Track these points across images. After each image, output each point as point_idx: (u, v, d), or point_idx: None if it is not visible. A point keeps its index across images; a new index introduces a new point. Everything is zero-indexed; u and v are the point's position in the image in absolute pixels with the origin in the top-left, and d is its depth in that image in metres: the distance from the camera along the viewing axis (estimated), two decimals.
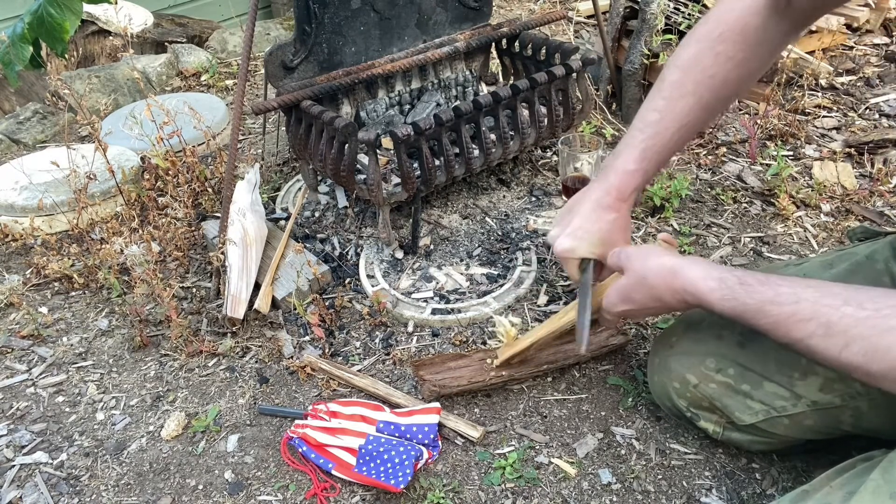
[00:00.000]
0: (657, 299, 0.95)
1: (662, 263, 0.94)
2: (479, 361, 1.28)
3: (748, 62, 1.00)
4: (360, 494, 1.12)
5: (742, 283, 0.85)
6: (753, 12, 0.98)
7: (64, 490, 1.19)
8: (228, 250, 1.49)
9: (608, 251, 1.05)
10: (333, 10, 1.61)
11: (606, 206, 1.06)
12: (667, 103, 1.02)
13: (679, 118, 1.02)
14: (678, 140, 1.04)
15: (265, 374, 1.39)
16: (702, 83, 1.01)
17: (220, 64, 3.10)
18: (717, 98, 1.03)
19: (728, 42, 0.99)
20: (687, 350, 1.08)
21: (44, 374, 1.45)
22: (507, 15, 3.31)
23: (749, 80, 1.06)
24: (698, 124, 1.05)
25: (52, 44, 1.78)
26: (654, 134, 1.03)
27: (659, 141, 1.03)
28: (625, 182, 1.05)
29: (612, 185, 1.06)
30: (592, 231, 1.06)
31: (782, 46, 1.04)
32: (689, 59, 1.02)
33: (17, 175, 1.93)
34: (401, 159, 1.47)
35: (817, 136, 2.03)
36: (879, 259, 0.99)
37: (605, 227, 1.06)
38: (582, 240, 1.06)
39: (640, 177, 1.05)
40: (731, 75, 1.00)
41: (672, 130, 1.02)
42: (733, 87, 1.03)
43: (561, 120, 1.73)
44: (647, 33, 2.01)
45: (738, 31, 0.98)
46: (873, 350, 0.71)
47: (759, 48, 1.00)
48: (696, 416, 1.10)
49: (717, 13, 1.01)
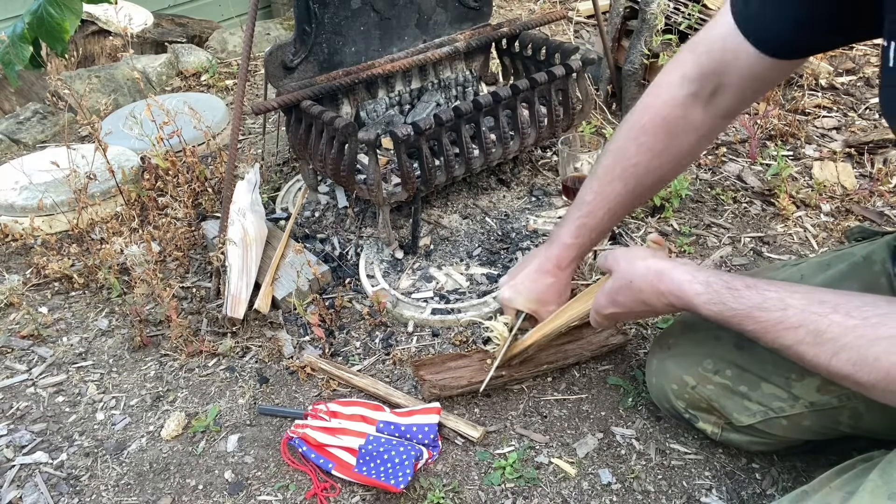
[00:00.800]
0: (643, 303, 0.96)
1: (648, 266, 0.94)
2: (479, 361, 1.29)
3: (670, 151, 1.06)
4: (360, 494, 1.12)
5: (729, 288, 0.85)
6: (674, 104, 1.02)
7: (64, 490, 1.19)
8: (228, 250, 1.49)
9: (541, 308, 1.21)
10: (333, 10, 1.61)
11: (545, 271, 1.20)
12: (599, 185, 1.12)
13: (608, 201, 1.11)
14: (610, 220, 1.14)
15: (265, 374, 1.39)
16: (627, 170, 1.08)
17: (220, 64, 3.10)
18: (642, 185, 1.10)
19: (649, 133, 1.05)
20: (684, 351, 1.08)
21: (44, 374, 1.45)
22: (507, 15, 3.31)
23: (676, 166, 1.12)
24: (626, 207, 1.15)
25: (52, 44, 1.78)
26: (588, 213, 1.14)
27: (592, 219, 1.14)
28: (563, 253, 1.18)
29: (552, 254, 1.19)
30: (531, 290, 1.21)
31: (714, 133, 1.08)
32: (617, 147, 1.09)
33: (17, 175, 1.93)
34: (401, 159, 1.47)
35: (817, 136, 2.03)
36: (877, 260, 0.99)
37: (542, 289, 1.21)
38: (520, 294, 1.22)
39: (576, 250, 1.18)
40: (652, 164, 1.07)
41: (603, 211, 1.12)
42: (657, 174, 1.10)
43: (561, 120, 1.73)
44: (647, 33, 2.01)
45: (659, 122, 1.03)
46: (861, 360, 0.71)
47: (681, 138, 1.04)
48: (695, 417, 1.10)
49: (643, 101, 1.06)
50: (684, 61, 1.00)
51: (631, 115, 1.07)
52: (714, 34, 0.96)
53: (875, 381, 0.71)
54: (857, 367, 0.71)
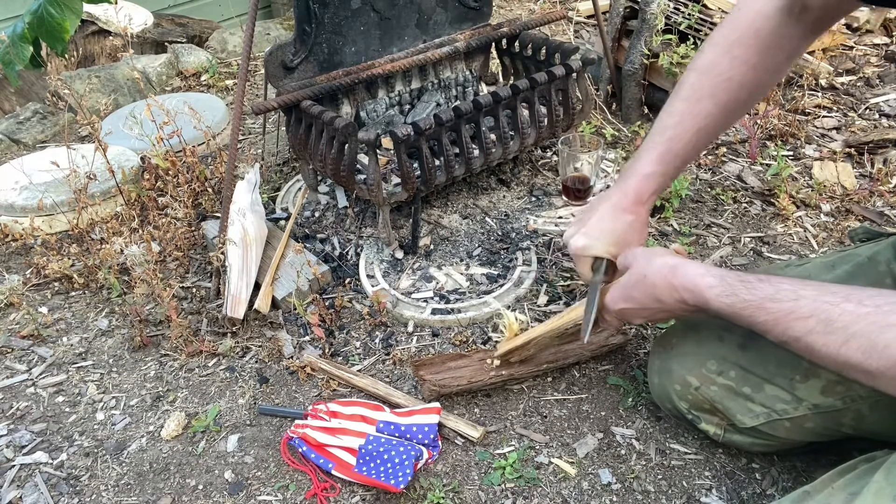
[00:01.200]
0: (656, 299, 0.95)
1: (664, 262, 0.95)
2: (479, 361, 1.28)
3: (764, 65, 1.01)
4: (360, 494, 1.12)
5: (742, 281, 0.85)
6: (767, 16, 0.99)
7: (64, 490, 1.19)
8: (228, 250, 1.49)
9: (622, 253, 1.05)
10: (333, 10, 1.61)
11: (623, 208, 1.07)
12: (685, 106, 1.03)
13: (697, 121, 1.03)
14: (697, 143, 1.05)
15: (265, 374, 1.39)
16: (719, 86, 1.02)
17: (220, 64, 3.10)
18: (735, 101, 1.03)
19: (743, 46, 1.00)
20: (688, 352, 1.08)
21: (44, 374, 1.45)
22: (507, 15, 3.30)
23: (766, 84, 1.07)
24: (716, 127, 1.06)
25: (53, 44, 1.78)
26: (673, 137, 1.04)
27: (677, 144, 1.04)
28: (643, 185, 1.06)
29: (629, 188, 1.07)
30: (608, 231, 1.07)
31: (799, 50, 1.05)
32: (706, 63, 1.03)
33: (17, 175, 1.93)
34: (401, 159, 1.47)
35: (817, 136, 2.03)
36: (881, 260, 0.99)
37: (621, 228, 1.07)
38: (597, 239, 1.07)
39: (659, 180, 1.06)
40: (746, 78, 1.01)
41: (691, 133, 1.03)
42: (751, 89, 1.04)
43: (561, 120, 1.73)
44: (647, 33, 2.01)
45: (752, 35, 1.00)
46: (872, 346, 0.71)
47: (774, 52, 1.01)
48: (698, 418, 1.10)
49: (732, 18, 1.03)
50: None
51: (718, 31, 1.04)
52: None
53: (884, 369, 0.70)
54: (866, 355, 0.71)
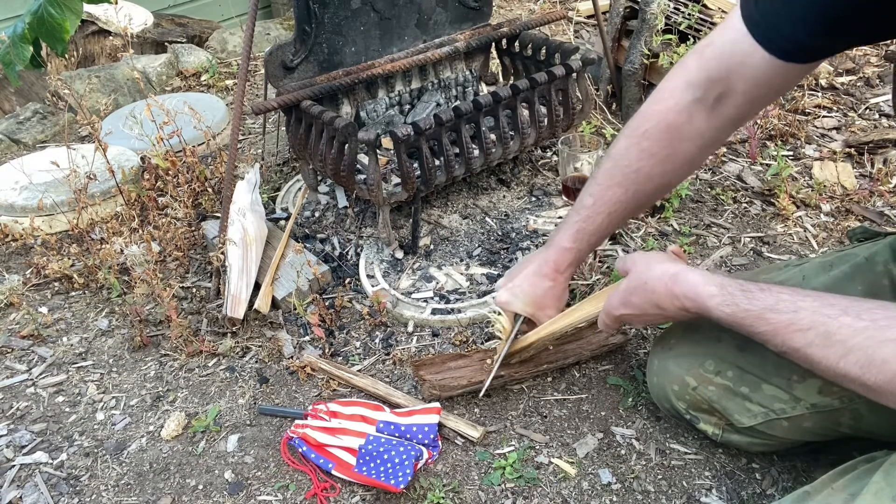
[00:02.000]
0: (656, 305, 0.96)
1: (665, 269, 0.95)
2: (479, 361, 1.28)
3: (672, 158, 1.04)
4: (360, 494, 1.12)
5: (743, 290, 0.85)
6: (677, 110, 1.00)
7: (64, 490, 1.19)
8: (228, 250, 1.49)
9: (538, 312, 1.19)
10: (333, 10, 1.61)
11: (543, 275, 1.18)
12: (599, 189, 1.10)
13: (608, 206, 1.10)
14: (609, 225, 1.13)
15: (265, 374, 1.39)
16: (628, 176, 1.07)
17: (220, 64, 3.10)
18: (643, 191, 1.09)
19: (651, 139, 1.03)
20: (686, 352, 1.08)
21: (44, 374, 1.45)
22: (507, 15, 3.30)
23: (678, 174, 1.11)
24: (626, 213, 1.13)
25: (53, 44, 1.78)
26: (587, 217, 1.12)
27: (591, 224, 1.12)
28: (561, 257, 1.17)
29: (550, 258, 1.17)
30: (528, 293, 1.19)
31: (716, 142, 1.06)
32: (618, 152, 1.08)
33: (17, 175, 1.93)
34: (401, 159, 1.47)
35: (817, 136, 2.03)
36: (879, 261, 0.99)
37: (539, 293, 1.19)
38: (517, 298, 1.19)
39: (574, 254, 1.16)
40: (654, 171, 1.05)
41: (602, 216, 1.11)
42: (659, 181, 1.08)
43: (561, 120, 1.73)
44: (647, 33, 2.01)
45: (663, 128, 1.02)
46: (870, 361, 0.71)
47: (684, 145, 1.03)
48: (696, 418, 1.10)
49: (645, 108, 1.05)
50: (689, 67, 0.99)
51: (633, 121, 1.06)
52: (723, 38, 0.94)
53: (882, 384, 0.71)
54: (864, 370, 0.71)
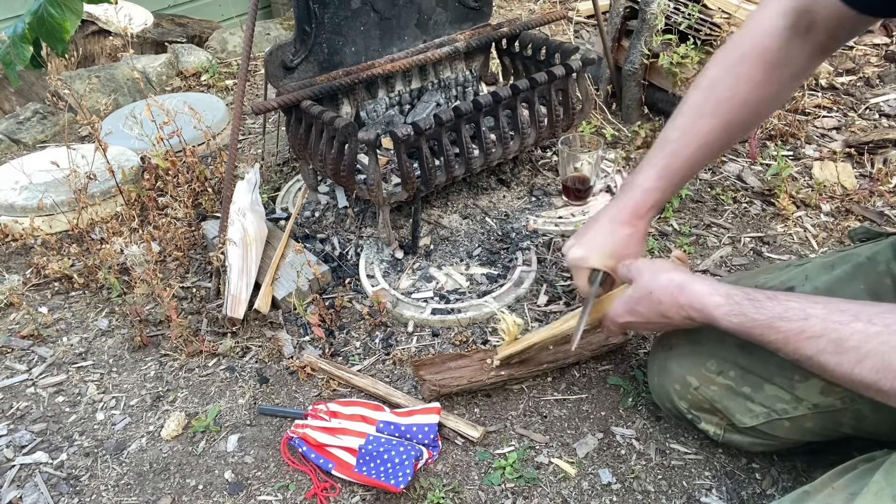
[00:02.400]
0: (662, 315, 0.96)
1: (671, 279, 0.94)
2: (479, 361, 1.28)
3: (769, 84, 1.00)
4: (360, 494, 1.12)
5: (750, 299, 0.84)
6: (773, 35, 0.98)
7: (64, 490, 1.19)
8: (228, 250, 1.49)
9: (619, 265, 1.07)
10: (333, 10, 1.61)
11: (622, 221, 1.08)
12: (687, 122, 1.03)
13: (698, 138, 1.02)
14: (697, 160, 1.05)
15: (265, 374, 1.39)
16: (722, 104, 1.01)
17: (220, 64, 3.10)
18: (738, 119, 1.03)
19: (747, 64, 0.99)
20: (687, 352, 1.08)
21: (44, 374, 1.45)
22: (507, 15, 3.30)
23: (772, 103, 1.06)
24: (718, 145, 1.06)
25: (53, 44, 1.78)
26: (673, 153, 1.04)
27: (677, 160, 1.04)
28: (642, 199, 1.07)
29: (628, 202, 1.07)
30: (605, 244, 1.08)
31: (807, 70, 1.03)
32: (710, 80, 1.02)
33: (17, 175, 1.93)
34: (401, 159, 1.47)
35: (817, 136, 2.03)
36: (881, 261, 0.99)
37: (619, 242, 1.08)
38: (594, 251, 1.08)
39: (658, 195, 1.07)
40: (750, 97, 1.00)
41: (691, 149, 1.03)
42: (754, 108, 1.03)
43: (561, 120, 1.73)
44: (647, 33, 2.01)
45: (758, 53, 0.99)
46: (886, 367, 0.70)
47: (779, 71, 0.99)
48: (697, 418, 1.10)
49: (738, 35, 1.02)
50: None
51: (724, 49, 1.02)
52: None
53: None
54: (880, 375, 0.71)
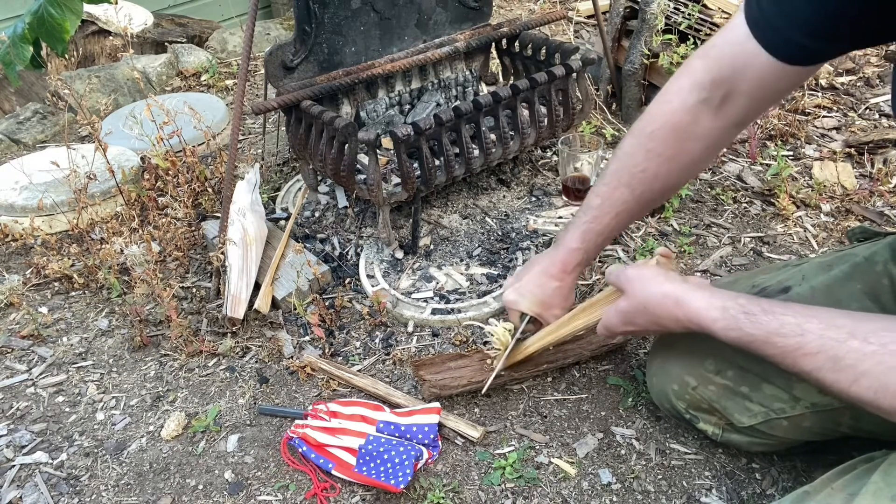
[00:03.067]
0: (659, 325, 0.97)
1: (665, 293, 0.94)
2: (479, 361, 1.28)
3: (679, 158, 1.04)
4: (360, 494, 1.12)
5: (746, 313, 0.84)
6: (684, 111, 1.00)
7: (64, 490, 1.19)
8: (228, 250, 1.49)
9: (545, 312, 1.20)
10: (333, 10, 1.61)
11: (551, 275, 1.18)
12: (607, 190, 1.10)
13: (615, 206, 1.10)
14: (616, 225, 1.13)
15: (265, 374, 1.39)
16: (635, 177, 1.07)
17: (220, 64, 3.10)
18: (650, 191, 1.08)
19: (658, 140, 1.03)
20: (686, 351, 1.08)
21: (44, 374, 1.45)
22: (507, 15, 3.31)
23: (683, 175, 1.11)
24: (633, 213, 1.13)
25: (53, 44, 1.78)
26: (594, 218, 1.12)
27: (598, 224, 1.12)
28: (568, 258, 1.16)
29: (557, 258, 1.17)
30: (535, 293, 1.19)
31: (721, 142, 1.06)
32: (625, 153, 1.08)
33: (17, 175, 1.93)
34: (401, 159, 1.47)
35: (817, 136, 2.03)
36: (879, 261, 0.99)
37: (547, 293, 1.19)
38: (524, 297, 1.20)
39: (582, 255, 1.16)
40: (661, 170, 1.05)
41: (610, 216, 1.11)
42: (664, 181, 1.08)
43: (561, 120, 1.73)
44: (647, 33, 2.01)
45: (669, 129, 1.02)
46: (883, 388, 0.71)
47: (690, 145, 1.02)
48: (696, 417, 1.10)
49: (652, 109, 1.05)
50: (695, 68, 0.99)
51: (639, 122, 1.06)
52: (726, 39, 0.94)
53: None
54: (878, 395, 0.71)
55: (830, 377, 0.76)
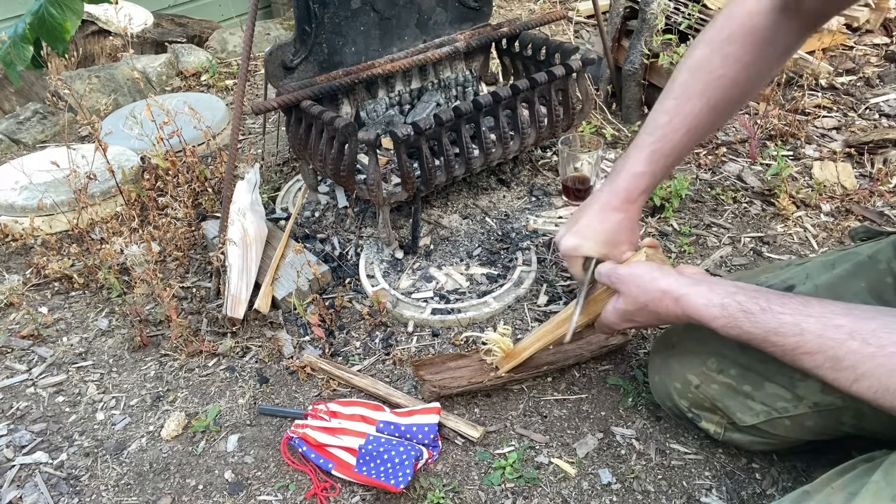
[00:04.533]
0: (660, 320, 0.98)
1: (662, 291, 0.93)
2: (479, 361, 1.28)
3: (757, 63, 0.99)
4: (360, 494, 1.12)
5: (744, 311, 0.85)
6: (761, 13, 0.97)
7: (64, 490, 1.19)
8: (228, 250, 1.49)
9: (613, 251, 1.06)
10: (333, 10, 1.61)
11: (613, 207, 1.06)
12: (676, 104, 1.01)
13: (688, 120, 1.01)
14: (688, 142, 1.03)
15: (265, 374, 1.39)
16: (711, 84, 1.00)
17: (220, 64, 3.10)
18: (727, 99, 1.01)
19: (736, 43, 0.98)
20: (688, 350, 1.08)
21: (44, 374, 1.45)
22: (507, 15, 3.31)
23: (760, 81, 1.05)
24: (708, 126, 1.04)
25: (54, 44, 1.79)
26: (663, 136, 1.02)
27: (668, 143, 1.02)
28: (633, 184, 1.05)
29: (619, 188, 1.05)
30: (598, 231, 1.06)
31: (795, 47, 1.02)
32: (697, 61, 1.01)
33: (17, 175, 1.93)
34: (401, 159, 1.47)
35: (817, 136, 2.03)
36: (882, 259, 0.99)
37: (611, 228, 1.06)
38: (587, 238, 1.06)
39: (649, 179, 1.05)
40: (740, 76, 0.99)
41: (681, 132, 1.01)
42: (743, 88, 1.01)
43: (561, 120, 1.73)
44: (647, 33, 2.01)
45: (747, 31, 0.97)
46: (884, 389, 0.72)
47: (768, 49, 0.98)
48: (698, 416, 1.10)
49: (725, 14, 1.00)
50: None
51: (710, 28, 1.01)
52: None
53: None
54: (878, 395, 0.72)
55: (830, 375, 0.77)
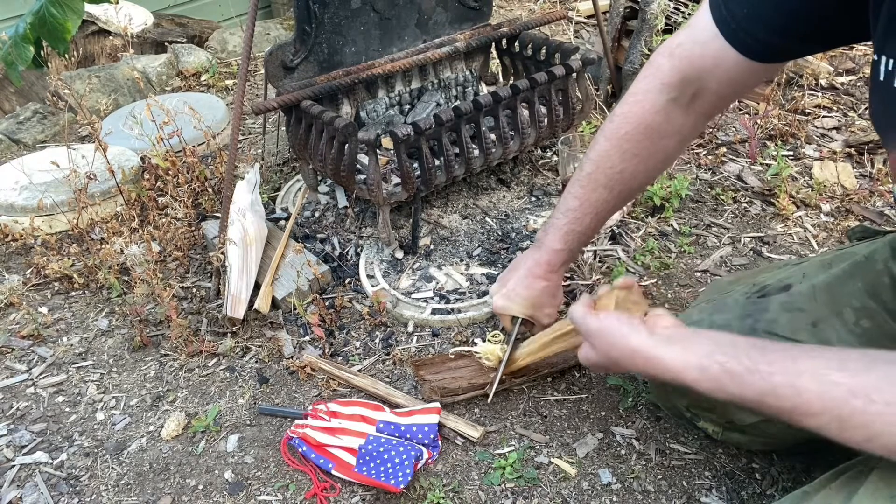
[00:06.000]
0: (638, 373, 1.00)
1: (632, 349, 0.87)
2: (478, 362, 1.28)
3: (655, 156, 1.07)
4: (360, 494, 1.12)
5: (728, 372, 0.78)
6: (655, 111, 1.02)
7: (64, 490, 1.19)
8: (228, 250, 1.49)
9: (537, 313, 1.21)
10: (333, 10, 1.61)
11: (537, 276, 1.19)
12: (584, 192, 1.12)
13: (595, 207, 1.12)
14: (596, 224, 1.16)
15: (265, 374, 1.39)
16: (612, 178, 1.08)
17: (220, 64, 3.10)
18: (628, 189, 1.11)
19: (633, 141, 1.05)
20: None
21: (44, 374, 1.45)
22: (507, 15, 3.31)
23: (660, 167, 1.13)
24: (612, 209, 1.15)
25: (54, 43, 1.79)
26: (575, 219, 1.14)
27: (579, 225, 1.14)
28: (553, 258, 1.17)
29: (542, 259, 1.18)
30: (524, 297, 1.20)
31: (692, 134, 1.09)
32: (599, 154, 1.09)
33: (17, 175, 1.93)
34: (401, 159, 1.47)
35: (817, 136, 2.03)
36: (879, 259, 0.99)
37: (536, 294, 1.19)
38: (514, 302, 1.20)
39: (566, 255, 1.18)
40: (638, 169, 1.08)
41: (590, 216, 1.13)
42: (643, 177, 1.11)
43: (561, 120, 1.73)
44: (647, 33, 2.01)
45: (642, 129, 1.04)
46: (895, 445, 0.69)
47: (664, 142, 1.05)
48: (696, 416, 1.10)
49: (622, 111, 1.05)
50: (662, 67, 1.00)
51: (610, 124, 1.07)
52: (693, 38, 0.95)
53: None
54: (891, 452, 0.69)
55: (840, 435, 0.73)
